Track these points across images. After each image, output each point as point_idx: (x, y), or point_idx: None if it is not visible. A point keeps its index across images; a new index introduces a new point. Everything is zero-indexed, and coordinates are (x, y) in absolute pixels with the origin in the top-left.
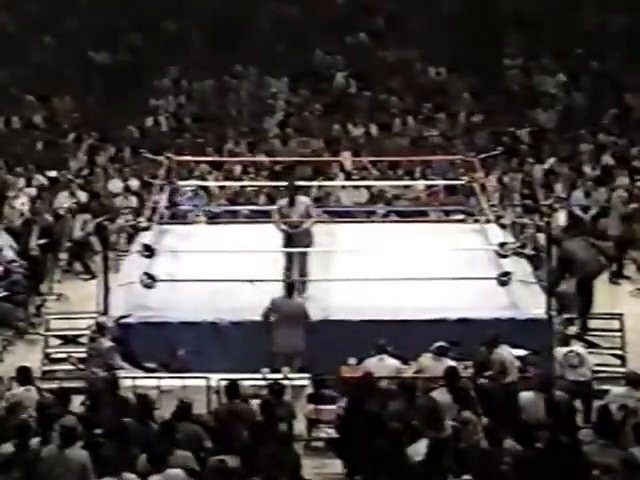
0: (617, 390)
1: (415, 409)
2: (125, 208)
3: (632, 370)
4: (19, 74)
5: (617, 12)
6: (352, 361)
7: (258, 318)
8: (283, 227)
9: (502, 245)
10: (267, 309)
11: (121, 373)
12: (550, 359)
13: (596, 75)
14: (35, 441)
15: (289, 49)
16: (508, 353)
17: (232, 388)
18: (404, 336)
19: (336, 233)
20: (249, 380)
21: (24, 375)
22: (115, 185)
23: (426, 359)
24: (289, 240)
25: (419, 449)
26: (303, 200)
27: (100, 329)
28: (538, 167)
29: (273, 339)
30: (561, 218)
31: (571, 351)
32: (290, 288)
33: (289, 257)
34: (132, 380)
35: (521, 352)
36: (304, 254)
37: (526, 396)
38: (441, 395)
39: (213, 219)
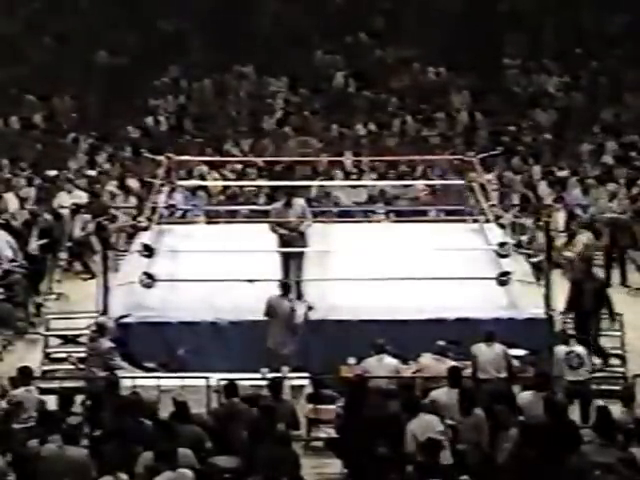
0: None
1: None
2: (125, 208)
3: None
4: (19, 74)
5: (616, 11)
6: (351, 361)
7: (257, 318)
8: (282, 231)
9: (501, 245)
10: (266, 308)
11: (121, 373)
12: (549, 359)
13: (595, 74)
14: (35, 441)
15: (288, 49)
16: (487, 350)
17: (230, 388)
18: (403, 336)
19: (335, 233)
20: (248, 380)
21: (25, 375)
22: (115, 185)
23: (426, 359)
24: (285, 244)
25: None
26: (299, 202)
27: (100, 329)
28: (537, 167)
29: (268, 338)
30: (560, 218)
31: (571, 351)
32: (285, 288)
33: (286, 261)
34: (132, 380)
35: (520, 352)
36: (301, 258)
37: (525, 396)
38: (442, 395)
39: (212, 219)
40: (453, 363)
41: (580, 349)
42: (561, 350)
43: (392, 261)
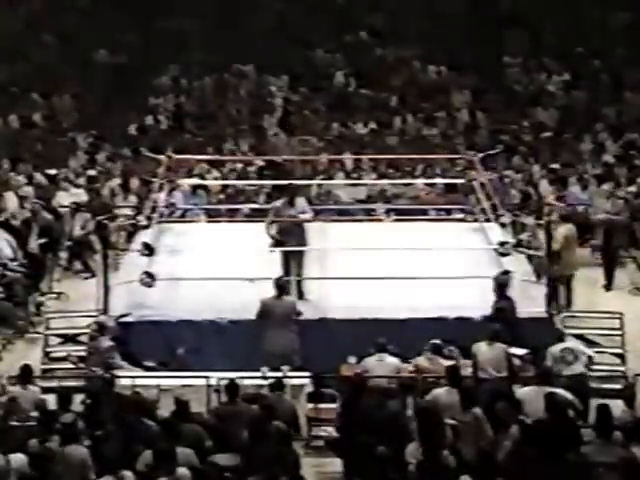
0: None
1: (414, 411)
2: (125, 207)
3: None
4: (19, 73)
5: (617, 9)
6: (352, 360)
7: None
8: (272, 233)
9: (502, 244)
10: (259, 310)
11: (120, 372)
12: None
13: (596, 73)
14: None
15: (289, 47)
16: (488, 349)
17: (232, 388)
18: (404, 335)
19: (335, 232)
20: (249, 379)
21: (24, 374)
22: (115, 184)
23: (422, 359)
24: (282, 245)
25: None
26: (301, 201)
27: (100, 328)
28: (538, 166)
29: (265, 340)
30: None
31: (566, 348)
32: (281, 289)
33: (286, 259)
34: (132, 379)
35: (521, 351)
36: (301, 257)
37: (525, 391)
38: (442, 394)
39: (213, 217)
40: (447, 363)
41: (574, 344)
42: (555, 349)
43: (392, 260)
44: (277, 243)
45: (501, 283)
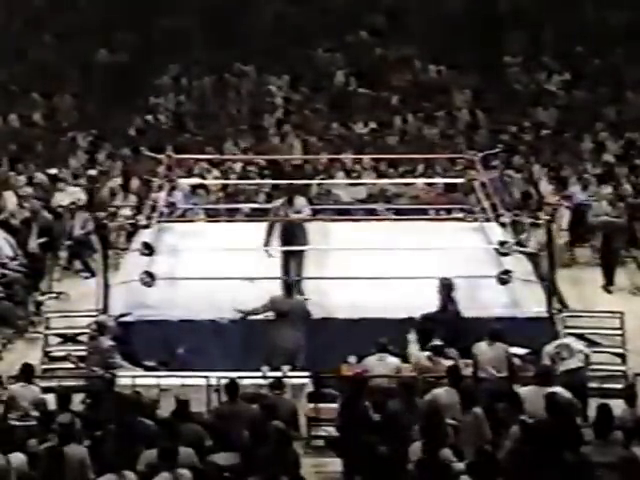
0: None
1: (416, 412)
2: (125, 206)
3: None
4: (19, 72)
5: (617, 9)
6: (352, 360)
7: (259, 317)
8: (271, 253)
9: (502, 243)
10: (263, 306)
11: (120, 372)
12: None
13: (597, 72)
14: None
15: (289, 47)
16: (488, 349)
17: (232, 388)
18: (403, 334)
19: (335, 231)
20: (249, 378)
21: (24, 372)
22: (115, 184)
23: (423, 359)
24: (286, 242)
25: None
26: (300, 201)
27: (100, 327)
28: (538, 166)
29: (274, 337)
30: (565, 216)
31: (560, 344)
32: (289, 287)
33: (286, 259)
34: (132, 379)
35: (521, 351)
36: (301, 257)
37: (526, 390)
38: (442, 394)
39: (213, 217)
40: (448, 363)
41: (569, 340)
42: (550, 347)
43: (392, 259)
44: (285, 242)
45: (446, 285)
